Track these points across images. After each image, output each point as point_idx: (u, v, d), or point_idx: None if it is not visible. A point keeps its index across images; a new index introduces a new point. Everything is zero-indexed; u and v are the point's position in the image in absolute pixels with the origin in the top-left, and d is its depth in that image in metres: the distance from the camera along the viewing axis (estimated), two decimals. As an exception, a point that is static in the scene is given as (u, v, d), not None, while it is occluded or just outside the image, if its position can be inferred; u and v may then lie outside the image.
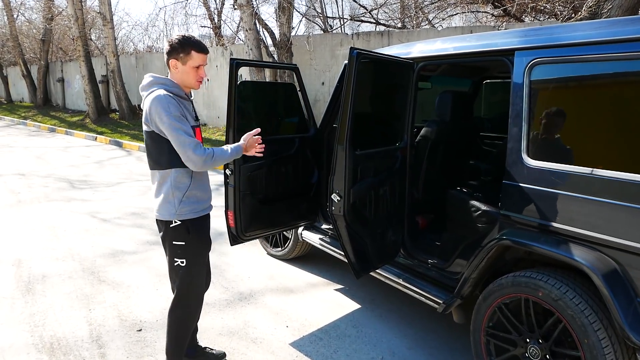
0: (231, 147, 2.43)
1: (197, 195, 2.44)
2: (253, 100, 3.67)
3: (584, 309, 2.18)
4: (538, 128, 2.46)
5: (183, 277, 2.50)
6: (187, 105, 2.41)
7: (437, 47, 3.01)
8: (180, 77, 2.36)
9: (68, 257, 4.57)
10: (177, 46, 2.30)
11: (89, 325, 3.33)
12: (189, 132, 2.25)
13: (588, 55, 2.22)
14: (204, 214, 2.51)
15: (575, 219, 2.26)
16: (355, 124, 2.60)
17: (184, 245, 2.44)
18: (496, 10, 11.74)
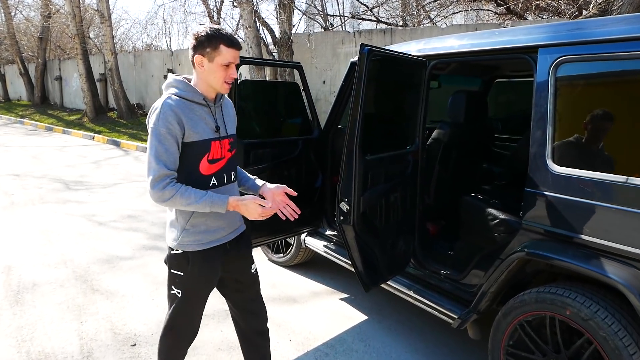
0: (212, 197, 1.92)
1: (207, 223, 2.03)
2: (254, 100, 3.48)
3: (617, 331, 1.99)
4: (564, 132, 2.27)
5: (177, 308, 2.17)
6: (204, 113, 1.98)
7: (452, 43, 2.82)
8: (207, 76, 1.97)
9: (61, 263, 4.37)
10: (203, 39, 1.92)
11: (80, 339, 3.14)
12: (164, 157, 1.86)
13: (621, 52, 2.03)
14: (211, 246, 2.07)
15: (608, 232, 2.07)
16: (365, 126, 2.40)
17: (182, 277, 2.09)
18: (499, 8, 11.56)
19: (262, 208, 1.97)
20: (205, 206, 1.91)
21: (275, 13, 9.99)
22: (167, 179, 1.87)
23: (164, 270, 3.97)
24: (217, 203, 1.92)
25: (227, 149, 2.06)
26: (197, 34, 1.94)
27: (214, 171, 2.03)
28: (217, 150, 2.01)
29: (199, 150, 1.96)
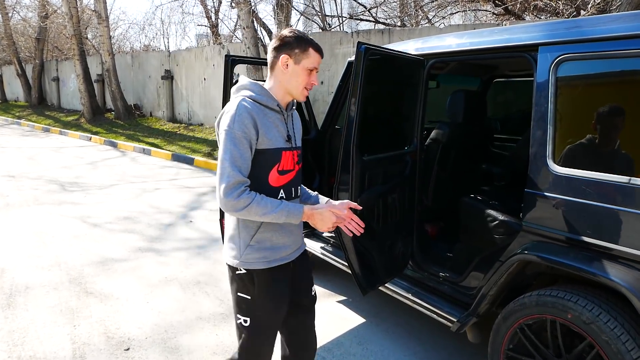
0: (287, 206, 1.76)
1: (273, 239, 1.87)
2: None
3: (620, 334, 1.95)
4: (565, 131, 2.22)
5: (245, 341, 1.96)
6: (277, 120, 1.85)
7: (450, 42, 2.77)
8: (288, 80, 1.85)
9: (54, 265, 4.32)
10: (292, 40, 1.82)
11: (72, 343, 3.08)
12: (239, 163, 1.71)
13: (623, 50, 1.99)
14: (278, 264, 1.89)
15: (610, 233, 2.03)
16: (363, 126, 2.35)
17: (249, 301, 1.90)
18: (497, 8, 11.52)
19: (335, 218, 1.83)
20: (281, 216, 1.75)
21: (274, 13, 9.93)
22: (242, 186, 1.71)
23: (159, 272, 3.93)
24: (294, 213, 1.77)
25: (296, 161, 1.91)
26: (282, 35, 1.85)
27: (283, 183, 1.87)
28: (287, 161, 1.86)
29: (269, 160, 1.80)
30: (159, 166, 9.47)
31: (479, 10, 12.79)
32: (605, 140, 2.12)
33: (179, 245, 4.92)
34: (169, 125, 13.94)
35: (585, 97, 2.23)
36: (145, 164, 9.67)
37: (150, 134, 12.96)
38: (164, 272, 4.21)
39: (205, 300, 3.71)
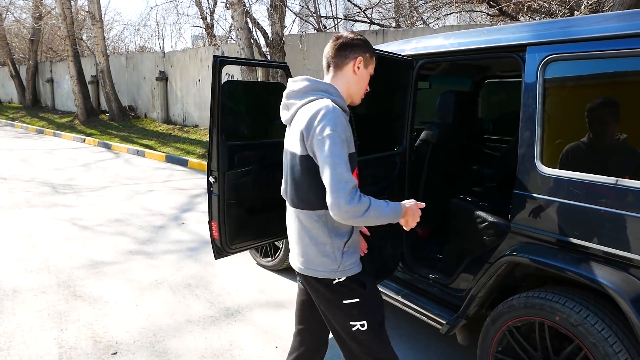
0: (390, 204, 1.76)
1: (357, 240, 1.89)
2: (239, 101, 3.40)
3: (607, 337, 1.93)
4: (553, 132, 2.21)
5: (372, 346, 1.87)
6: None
7: (439, 43, 2.75)
8: (355, 83, 1.84)
9: (43, 269, 4.28)
10: (362, 43, 1.78)
11: (59, 348, 3.04)
12: (349, 167, 1.65)
13: (611, 50, 1.97)
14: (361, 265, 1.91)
15: (598, 235, 2.01)
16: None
17: (360, 303, 1.82)
18: (491, 9, 11.54)
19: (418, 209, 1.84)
20: (391, 215, 1.75)
21: (268, 14, 9.91)
22: (358, 189, 1.65)
23: (149, 275, 3.91)
24: (397, 210, 1.77)
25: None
26: (351, 37, 1.81)
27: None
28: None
29: (352, 164, 1.71)
30: (152, 168, 9.43)
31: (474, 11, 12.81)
32: (593, 141, 2.10)
33: (170, 247, 4.89)
34: (163, 126, 13.90)
35: (573, 98, 2.22)
36: (139, 166, 9.62)
37: (144, 136, 12.91)
38: (154, 275, 4.18)
39: (195, 303, 3.68)
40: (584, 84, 2.19)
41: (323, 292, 1.84)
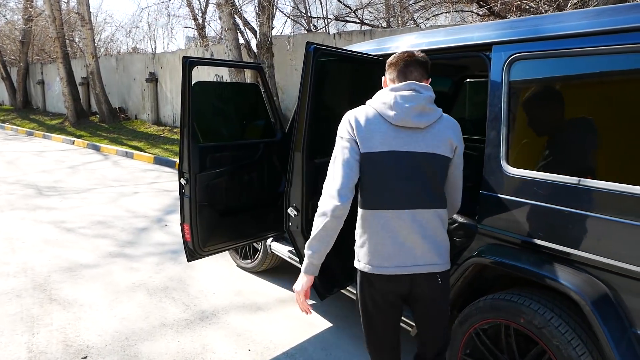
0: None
1: None
2: (211, 102, 3.36)
3: (571, 339, 1.91)
4: (518, 132, 2.18)
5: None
6: None
7: (410, 42, 2.72)
8: None
9: (20, 272, 4.23)
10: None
11: (28, 352, 3.00)
12: None
13: (575, 48, 1.95)
14: None
15: (560, 236, 1.99)
16: (316, 129, 2.30)
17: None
18: (481, 9, 11.54)
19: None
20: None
21: (255, 15, 9.88)
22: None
23: (128, 278, 3.89)
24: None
25: None
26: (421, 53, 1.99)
27: None
28: None
29: None
30: (140, 169, 9.37)
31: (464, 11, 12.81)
32: (557, 140, 2.08)
33: (152, 250, 4.85)
34: (153, 128, 13.84)
35: (538, 97, 2.19)
36: (127, 168, 9.57)
37: (134, 137, 12.85)
38: (132, 277, 4.14)
39: (171, 306, 3.64)
40: (549, 83, 2.16)
41: (444, 284, 1.95)
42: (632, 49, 1.77)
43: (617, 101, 1.91)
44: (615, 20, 1.83)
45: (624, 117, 1.87)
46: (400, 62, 1.93)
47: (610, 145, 1.94)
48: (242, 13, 11.84)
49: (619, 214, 1.79)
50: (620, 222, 1.79)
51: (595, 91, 2.01)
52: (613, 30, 1.83)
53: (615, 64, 1.89)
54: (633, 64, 1.81)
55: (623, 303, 1.83)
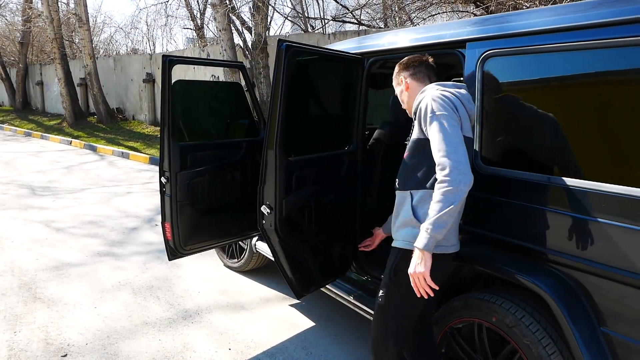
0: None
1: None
2: (192, 101, 3.35)
3: (541, 338, 1.90)
4: (491, 130, 2.17)
5: None
6: None
7: (387, 40, 2.71)
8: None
9: (7, 271, 4.23)
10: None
11: (9, 350, 3.00)
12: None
13: (547, 44, 1.94)
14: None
15: (531, 234, 1.98)
16: (289, 127, 2.29)
17: None
18: (478, 9, 11.53)
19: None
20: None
21: (250, 15, 9.88)
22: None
23: (114, 277, 3.92)
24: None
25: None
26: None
27: None
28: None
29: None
30: (135, 170, 9.37)
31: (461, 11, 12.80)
32: (528, 138, 2.07)
33: (140, 249, 4.84)
34: (150, 128, 13.84)
35: (511, 94, 2.18)
36: (122, 168, 9.57)
37: (130, 138, 12.85)
38: (118, 276, 4.13)
39: (154, 305, 3.63)
40: (523, 80, 2.15)
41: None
42: (600, 44, 1.76)
43: (590, 98, 1.90)
44: (583, 16, 1.82)
45: (597, 114, 1.86)
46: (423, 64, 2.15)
47: (582, 143, 1.92)
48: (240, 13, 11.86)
49: (587, 212, 1.78)
50: (588, 220, 1.78)
51: (569, 86, 1.99)
52: (581, 26, 1.82)
53: (587, 60, 1.87)
54: (603, 60, 1.80)
55: (592, 302, 1.82)
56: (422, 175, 1.93)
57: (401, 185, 2.04)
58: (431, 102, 1.87)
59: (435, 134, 1.81)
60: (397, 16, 13.34)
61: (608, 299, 1.78)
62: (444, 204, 1.73)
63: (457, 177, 1.73)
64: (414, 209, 1.94)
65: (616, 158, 1.78)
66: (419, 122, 1.93)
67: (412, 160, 1.98)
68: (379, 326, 2.06)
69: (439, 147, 1.78)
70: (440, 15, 12.74)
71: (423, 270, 1.77)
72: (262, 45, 9.11)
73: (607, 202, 1.73)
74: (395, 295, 1.98)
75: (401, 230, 1.99)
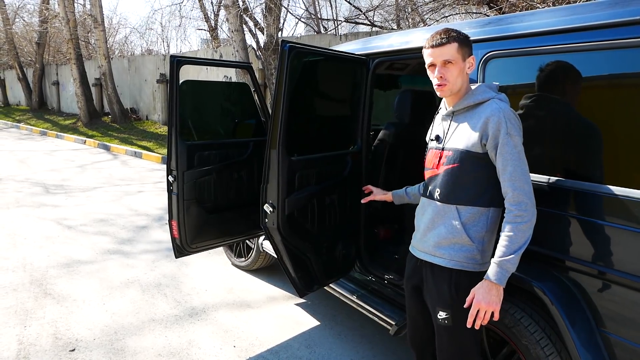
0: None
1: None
2: (199, 101, 3.40)
3: (539, 339, 1.91)
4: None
5: None
6: (440, 118, 2.01)
7: (392, 41, 2.73)
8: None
9: (19, 267, 4.31)
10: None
11: (19, 344, 3.06)
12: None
13: (547, 46, 1.94)
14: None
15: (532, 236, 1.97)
16: (292, 127, 2.32)
17: None
18: (492, 10, 11.47)
19: None
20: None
21: (262, 17, 9.94)
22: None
23: (123, 274, 3.98)
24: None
25: (440, 162, 1.89)
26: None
27: (425, 179, 2.04)
28: (430, 159, 1.99)
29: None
30: (147, 169, 9.48)
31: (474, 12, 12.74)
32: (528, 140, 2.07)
33: (149, 247, 4.91)
34: (163, 128, 13.97)
35: (515, 95, 2.18)
36: (134, 167, 9.68)
37: (143, 137, 13.00)
38: (127, 274, 4.19)
39: (162, 302, 3.68)
40: (524, 80, 2.15)
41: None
42: (600, 46, 1.76)
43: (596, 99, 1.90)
44: (585, 18, 1.82)
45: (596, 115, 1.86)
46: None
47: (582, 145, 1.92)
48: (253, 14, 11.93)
49: (585, 214, 1.78)
50: (587, 222, 1.78)
51: (570, 88, 1.99)
52: (582, 28, 1.82)
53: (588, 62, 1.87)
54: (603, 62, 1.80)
55: (590, 303, 1.82)
56: (474, 191, 1.82)
57: (444, 198, 1.87)
58: (505, 121, 1.73)
59: (509, 159, 1.71)
60: (410, 17, 13.32)
61: (606, 301, 1.78)
62: (522, 241, 1.69)
63: (533, 212, 1.71)
64: (465, 227, 1.82)
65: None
66: (480, 135, 1.76)
67: (462, 173, 1.83)
68: (454, 347, 1.92)
69: (513, 177, 1.71)
70: (454, 16, 12.68)
71: (498, 306, 1.72)
72: (274, 46, 9.16)
73: (606, 204, 1.73)
74: (464, 313, 1.81)
75: (447, 248, 1.86)
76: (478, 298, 1.72)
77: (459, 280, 1.85)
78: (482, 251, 1.83)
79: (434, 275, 1.92)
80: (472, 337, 1.89)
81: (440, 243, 1.88)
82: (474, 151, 1.79)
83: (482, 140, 1.76)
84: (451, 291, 1.86)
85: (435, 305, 1.92)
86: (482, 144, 1.77)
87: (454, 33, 1.82)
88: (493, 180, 1.79)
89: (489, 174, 1.79)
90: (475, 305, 1.73)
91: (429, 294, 1.96)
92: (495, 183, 1.79)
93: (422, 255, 1.98)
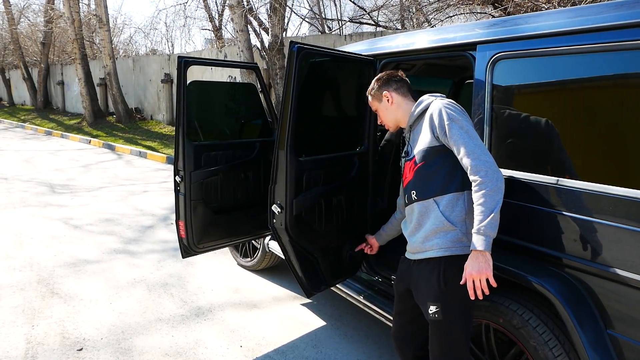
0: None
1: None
2: (206, 101, 3.41)
3: (548, 340, 1.90)
4: (502, 132, 2.17)
5: None
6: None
7: (400, 42, 2.73)
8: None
9: (26, 266, 4.33)
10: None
11: (27, 343, 3.08)
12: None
13: (558, 47, 1.94)
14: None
15: (539, 237, 1.98)
16: (300, 127, 2.32)
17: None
18: (496, 10, 11.45)
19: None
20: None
21: (267, 17, 9.96)
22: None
23: (129, 274, 4.00)
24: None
25: (412, 168, 2.03)
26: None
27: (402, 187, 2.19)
28: (404, 172, 2.11)
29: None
30: (152, 169, 9.51)
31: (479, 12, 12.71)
32: (537, 140, 2.07)
33: (155, 247, 4.92)
34: (168, 128, 14.01)
35: (523, 97, 2.19)
36: (139, 167, 9.71)
37: (148, 137, 13.03)
38: (133, 273, 4.21)
39: (168, 301, 3.70)
40: (533, 82, 2.15)
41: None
42: (610, 47, 1.76)
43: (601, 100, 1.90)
44: (595, 19, 1.82)
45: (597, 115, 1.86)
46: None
47: (590, 145, 1.92)
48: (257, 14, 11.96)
49: (594, 215, 1.78)
50: (596, 223, 1.78)
51: (580, 89, 1.99)
52: (592, 29, 1.82)
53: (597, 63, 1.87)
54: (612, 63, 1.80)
55: (600, 304, 1.82)
56: (444, 181, 1.92)
57: (420, 195, 1.97)
58: (444, 110, 1.90)
59: (459, 139, 1.83)
60: (415, 17, 13.32)
61: (615, 302, 1.77)
62: (492, 204, 1.76)
63: (494, 176, 1.77)
64: (445, 214, 1.91)
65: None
66: (431, 131, 1.93)
67: (428, 168, 1.95)
68: (445, 341, 1.96)
69: (467, 151, 1.81)
70: (458, 16, 12.67)
71: (489, 271, 1.76)
72: (279, 46, 9.18)
73: (615, 205, 1.73)
74: (453, 306, 1.90)
75: (433, 239, 1.94)
76: (468, 270, 1.79)
77: (447, 268, 1.91)
78: (467, 233, 1.90)
79: (424, 270, 1.98)
80: (462, 332, 1.94)
81: (428, 236, 1.96)
82: (432, 145, 1.94)
83: (434, 133, 1.93)
84: (440, 283, 1.91)
85: (426, 301, 1.97)
86: (435, 137, 1.93)
87: (370, 88, 2.21)
88: (459, 165, 1.89)
89: (453, 160, 1.90)
90: (468, 277, 1.79)
91: (419, 292, 2.01)
92: (462, 168, 1.88)
93: (414, 256, 2.05)
